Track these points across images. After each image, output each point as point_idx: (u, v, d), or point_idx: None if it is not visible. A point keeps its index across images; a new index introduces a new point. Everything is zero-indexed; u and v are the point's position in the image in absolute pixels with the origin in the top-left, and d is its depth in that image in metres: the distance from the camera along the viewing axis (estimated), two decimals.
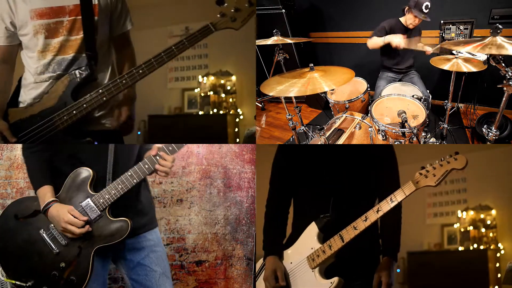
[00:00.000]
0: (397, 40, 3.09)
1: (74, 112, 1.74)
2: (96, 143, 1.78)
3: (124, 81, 1.71)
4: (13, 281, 1.54)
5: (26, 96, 1.86)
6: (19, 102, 1.88)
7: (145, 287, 1.71)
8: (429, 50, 3.25)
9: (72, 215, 1.54)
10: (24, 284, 1.55)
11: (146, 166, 1.56)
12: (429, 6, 3.03)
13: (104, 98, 1.73)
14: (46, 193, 1.60)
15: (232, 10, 1.75)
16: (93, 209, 1.57)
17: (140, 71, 1.71)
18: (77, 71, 1.78)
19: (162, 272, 1.74)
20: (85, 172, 1.60)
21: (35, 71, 1.82)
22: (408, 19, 3.19)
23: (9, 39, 1.86)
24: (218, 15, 1.76)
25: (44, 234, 1.60)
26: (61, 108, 1.77)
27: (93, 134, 1.80)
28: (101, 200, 1.57)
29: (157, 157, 1.58)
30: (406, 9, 3.19)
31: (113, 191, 1.56)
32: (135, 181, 1.56)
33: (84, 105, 1.75)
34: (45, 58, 1.80)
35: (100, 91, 1.73)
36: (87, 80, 1.79)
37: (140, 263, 1.71)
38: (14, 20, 1.81)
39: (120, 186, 1.56)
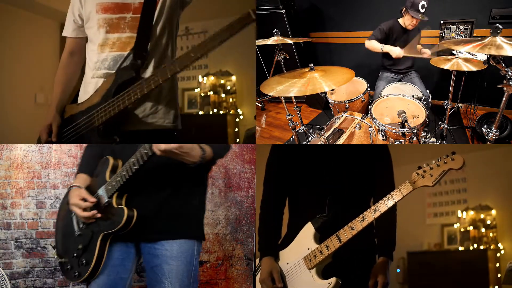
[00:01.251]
0: (397, 53, 3.10)
1: (110, 109, 1.68)
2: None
3: (156, 78, 1.61)
4: (56, 255, 1.73)
5: (84, 93, 1.82)
6: (78, 98, 1.84)
7: None
8: (427, 52, 3.25)
9: (82, 198, 1.58)
10: (62, 260, 1.70)
11: (145, 151, 1.47)
12: (426, 6, 3.01)
13: (136, 96, 1.64)
14: (75, 179, 1.70)
15: None
16: (104, 196, 1.60)
17: (172, 67, 1.60)
18: (122, 69, 1.72)
19: None
20: (107, 160, 1.64)
21: (93, 66, 1.77)
22: (406, 20, 3.18)
23: (75, 31, 1.86)
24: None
25: (73, 217, 1.69)
26: None
27: (138, 134, 1.72)
28: (109, 187, 1.58)
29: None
30: (403, 10, 3.19)
31: (118, 178, 1.56)
32: (135, 167, 1.50)
33: (118, 103, 1.67)
34: (103, 53, 1.75)
35: (132, 88, 1.65)
36: (132, 78, 1.69)
37: (153, 270, 1.62)
38: (82, 12, 1.80)
39: (123, 173, 1.54)
